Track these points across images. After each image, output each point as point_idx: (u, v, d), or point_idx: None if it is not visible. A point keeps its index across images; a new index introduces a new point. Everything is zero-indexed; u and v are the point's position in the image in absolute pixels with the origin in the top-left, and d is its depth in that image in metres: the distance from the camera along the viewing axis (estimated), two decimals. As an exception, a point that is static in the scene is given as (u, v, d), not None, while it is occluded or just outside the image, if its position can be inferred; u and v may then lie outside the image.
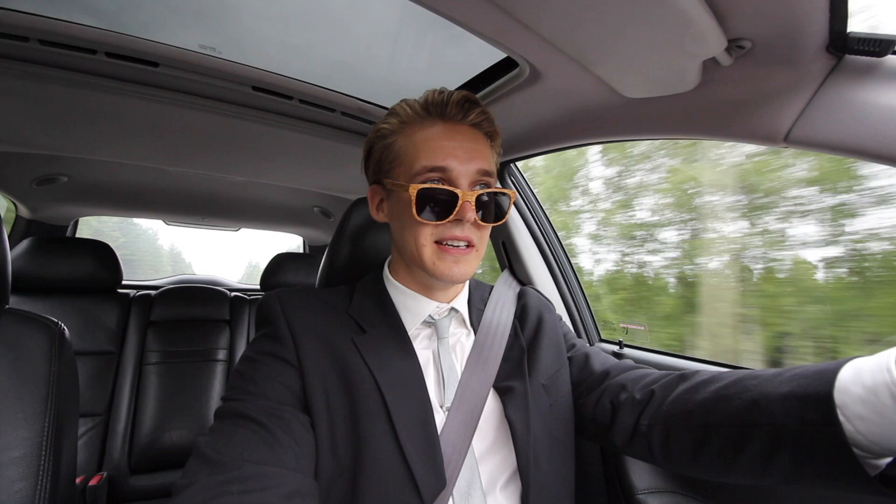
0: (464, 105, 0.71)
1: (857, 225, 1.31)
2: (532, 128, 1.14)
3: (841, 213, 1.34)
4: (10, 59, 1.00)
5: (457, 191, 0.67)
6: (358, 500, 0.60)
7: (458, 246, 0.70)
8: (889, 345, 0.48)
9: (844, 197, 1.33)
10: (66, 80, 1.06)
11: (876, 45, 0.59)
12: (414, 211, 0.67)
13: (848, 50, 0.61)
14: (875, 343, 1.27)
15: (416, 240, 0.70)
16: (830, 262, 1.39)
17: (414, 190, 0.67)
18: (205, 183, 2.12)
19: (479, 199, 0.69)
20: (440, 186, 0.68)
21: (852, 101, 0.62)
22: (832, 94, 0.64)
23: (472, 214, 0.68)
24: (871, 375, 0.46)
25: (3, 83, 1.06)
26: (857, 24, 0.58)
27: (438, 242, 0.70)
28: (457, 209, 0.67)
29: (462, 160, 0.69)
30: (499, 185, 0.75)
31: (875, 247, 1.28)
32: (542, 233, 1.42)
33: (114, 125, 1.31)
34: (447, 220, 0.68)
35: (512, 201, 0.76)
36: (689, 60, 0.70)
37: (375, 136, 0.77)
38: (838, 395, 0.47)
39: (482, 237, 0.74)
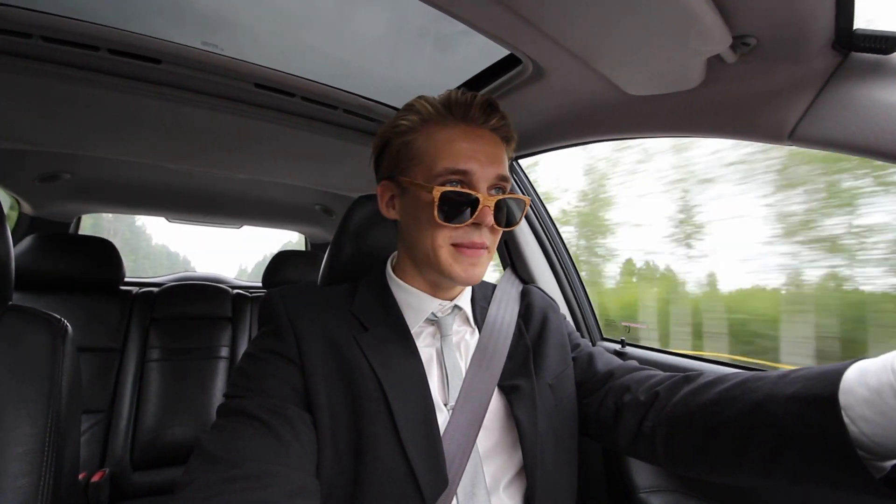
0: (486, 109, 0.71)
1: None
2: (535, 126, 1.13)
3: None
4: (13, 56, 1.00)
5: (479, 195, 0.67)
6: (359, 498, 0.60)
7: (473, 249, 0.70)
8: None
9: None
10: (69, 77, 1.06)
11: (882, 43, 0.58)
12: (436, 213, 0.67)
13: (854, 47, 0.61)
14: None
15: (433, 241, 0.69)
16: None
17: (438, 192, 0.66)
18: (207, 180, 2.12)
19: (496, 203, 0.69)
20: (463, 190, 0.68)
21: (858, 99, 0.61)
22: (837, 92, 0.64)
23: (490, 219, 0.68)
24: (876, 377, 0.46)
25: (6, 80, 1.06)
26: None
27: (455, 245, 0.70)
28: (477, 213, 0.67)
29: (483, 164, 0.68)
30: (517, 189, 0.75)
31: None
32: (544, 231, 1.42)
33: (117, 122, 1.31)
34: (467, 223, 0.68)
35: (526, 207, 0.76)
36: (694, 57, 0.70)
37: (393, 131, 0.75)
38: (843, 397, 0.47)
39: (495, 240, 0.74)
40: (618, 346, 1.32)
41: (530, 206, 1.41)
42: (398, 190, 0.75)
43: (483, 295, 0.87)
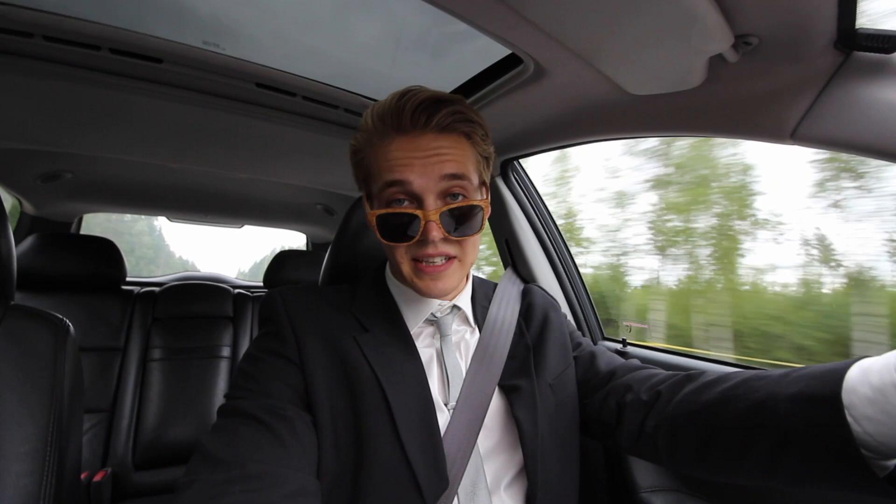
0: (422, 113, 0.64)
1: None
2: (536, 125, 1.13)
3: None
4: (15, 56, 1.00)
5: (417, 212, 0.64)
6: (360, 499, 0.60)
7: (433, 263, 0.67)
8: None
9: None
10: (71, 77, 1.06)
11: (884, 42, 0.58)
12: (379, 236, 0.66)
13: (856, 46, 0.60)
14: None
15: (393, 258, 0.69)
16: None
17: (373, 216, 0.66)
18: (208, 180, 2.12)
19: (449, 212, 0.65)
20: (399, 210, 0.65)
21: (860, 99, 0.61)
22: (840, 91, 0.63)
23: (437, 234, 0.64)
24: (879, 375, 0.45)
25: (7, 80, 1.06)
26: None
27: (415, 260, 0.68)
28: (420, 231, 0.64)
29: (420, 172, 0.64)
30: (485, 180, 0.73)
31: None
32: (545, 230, 1.42)
33: (118, 121, 1.31)
34: (413, 241, 0.66)
35: (486, 215, 0.70)
36: (696, 57, 0.70)
37: (351, 151, 0.74)
38: (846, 396, 0.47)
39: (463, 248, 0.69)
40: (619, 346, 1.32)
41: (531, 205, 1.41)
42: (369, 206, 0.74)
43: (484, 294, 0.87)
